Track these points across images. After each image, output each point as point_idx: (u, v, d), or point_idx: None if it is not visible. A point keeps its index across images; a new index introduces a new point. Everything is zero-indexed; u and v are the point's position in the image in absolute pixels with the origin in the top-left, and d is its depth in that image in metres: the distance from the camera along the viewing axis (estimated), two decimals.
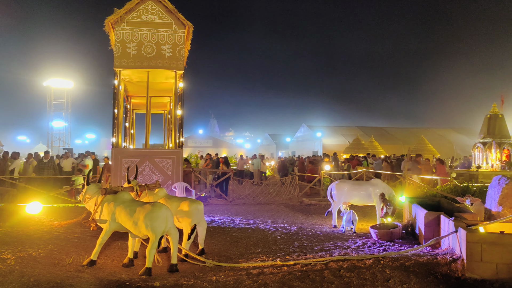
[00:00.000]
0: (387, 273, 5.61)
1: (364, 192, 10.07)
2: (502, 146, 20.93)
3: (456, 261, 5.80)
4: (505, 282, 5.28)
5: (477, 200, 9.02)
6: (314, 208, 13.73)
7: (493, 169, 20.47)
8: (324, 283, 5.35)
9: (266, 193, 16.48)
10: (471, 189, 13.90)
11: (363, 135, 44.61)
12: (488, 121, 21.66)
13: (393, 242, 8.08)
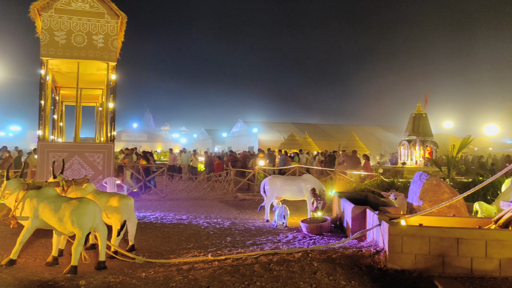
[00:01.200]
0: (315, 266, 5.79)
1: (296, 187, 10.30)
2: (425, 143, 22.17)
3: (379, 253, 6.10)
4: (422, 271, 5.63)
5: (401, 194, 9.52)
6: (248, 203, 13.86)
7: (417, 165, 21.65)
8: (254, 277, 5.42)
9: (200, 188, 16.40)
10: (396, 184, 14.65)
11: (297, 131, 45.60)
12: (413, 120, 22.84)
13: (322, 235, 8.34)
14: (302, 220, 9.03)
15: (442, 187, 8.38)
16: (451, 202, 6.95)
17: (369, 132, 53.42)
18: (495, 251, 5.63)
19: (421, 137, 22.22)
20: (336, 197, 10.35)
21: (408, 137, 22.66)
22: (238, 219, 10.67)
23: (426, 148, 22.19)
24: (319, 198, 9.74)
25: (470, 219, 7.24)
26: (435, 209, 6.88)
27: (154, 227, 9.23)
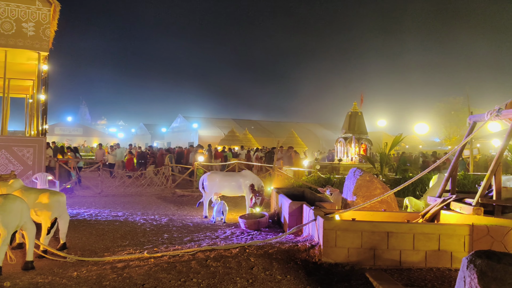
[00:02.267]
0: (252, 261, 5.84)
1: (234, 183, 10.33)
2: (360, 141, 22.94)
3: (314, 247, 6.25)
4: (354, 264, 5.84)
5: (336, 190, 9.81)
6: (186, 199, 13.73)
7: (352, 162, 22.36)
8: (191, 274, 5.38)
9: (137, 184, 16.04)
10: (332, 180, 15.06)
11: (238, 127, 45.71)
12: (349, 118, 23.55)
13: (260, 231, 8.42)
14: (240, 216, 9.08)
15: (374, 183, 8.72)
16: (382, 197, 7.24)
17: (308, 129, 54.56)
18: (421, 244, 5.93)
19: (357, 135, 22.96)
20: (274, 193, 10.48)
21: (345, 135, 23.35)
22: (176, 215, 10.55)
23: (361, 145, 22.96)
24: (257, 194, 9.83)
25: (400, 213, 7.59)
26: (368, 204, 7.15)
27: (88, 225, 8.92)
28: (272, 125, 55.86)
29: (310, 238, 6.79)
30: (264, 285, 5.12)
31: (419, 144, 45.91)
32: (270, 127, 54.07)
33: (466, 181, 13.72)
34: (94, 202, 12.48)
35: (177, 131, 54.59)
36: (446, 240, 5.94)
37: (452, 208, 6.55)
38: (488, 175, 6.21)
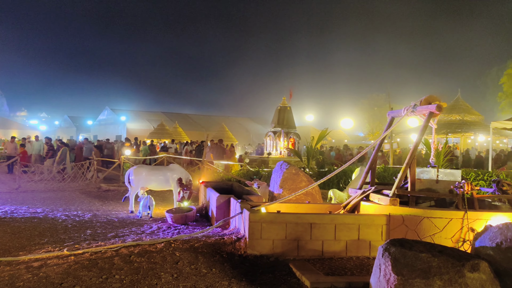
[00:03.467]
0: (177, 256, 5.78)
1: (162, 177, 10.17)
2: (289, 135, 23.41)
3: (240, 240, 6.30)
4: (279, 255, 5.96)
5: (263, 183, 9.95)
6: (112, 194, 13.32)
7: (281, 155, 22.77)
8: (113, 270, 5.23)
9: (60, 179, 15.31)
10: (261, 173, 15.25)
11: (168, 120, 44.98)
12: (278, 112, 23.93)
13: (187, 225, 8.35)
14: (167, 210, 8.95)
15: (300, 176, 8.94)
16: (306, 189, 7.45)
17: (239, 123, 54.79)
18: (342, 234, 6.17)
19: (286, 129, 23.39)
20: (202, 187, 10.44)
21: (274, 129, 23.70)
22: (100, 210, 10.20)
23: (289, 139, 23.44)
24: (185, 188, 9.73)
25: (323, 205, 7.85)
26: (293, 196, 7.33)
27: (2, 223, 8.38)
28: (203, 119, 55.50)
29: (236, 231, 6.84)
30: (189, 279, 5.09)
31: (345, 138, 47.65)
32: (201, 121, 53.68)
33: (386, 174, 14.43)
34: (10, 199, 11.75)
35: (104, 124, 52.65)
36: (365, 230, 6.23)
37: (371, 199, 6.87)
38: (403, 168, 6.58)
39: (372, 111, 47.51)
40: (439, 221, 5.99)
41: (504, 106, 38.26)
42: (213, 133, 38.34)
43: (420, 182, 6.73)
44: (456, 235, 5.92)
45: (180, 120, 47.30)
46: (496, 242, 4.41)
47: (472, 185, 6.29)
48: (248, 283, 5.06)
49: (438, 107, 6.42)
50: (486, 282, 4.05)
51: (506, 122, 16.01)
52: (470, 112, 32.39)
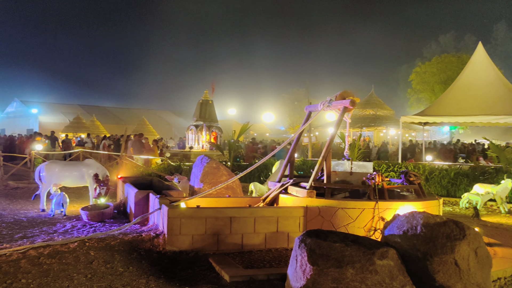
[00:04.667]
0: (92, 255, 5.53)
1: (77, 173, 9.69)
2: (211, 129, 23.35)
3: (159, 236, 6.18)
4: (199, 250, 5.92)
5: (184, 178, 9.83)
6: (21, 192, 12.48)
7: (203, 149, 22.66)
8: (19, 274, 4.89)
9: None
10: (182, 168, 15.07)
11: (84, 113, 43.01)
12: (200, 106, 23.77)
13: (104, 222, 8.04)
14: (82, 208, 8.55)
15: (221, 169, 8.93)
16: (227, 183, 7.45)
17: (160, 117, 53.70)
18: (261, 227, 6.26)
19: (208, 123, 23.31)
20: (120, 182, 10.09)
21: (196, 122, 23.52)
22: (7, 210, 9.51)
23: (212, 133, 23.39)
24: (102, 184, 9.36)
25: (243, 198, 7.91)
26: (213, 190, 7.30)
27: None
28: (123, 112, 53.65)
29: (155, 227, 6.70)
30: (104, 279, 4.90)
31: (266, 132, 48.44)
32: (120, 114, 51.86)
33: (305, 166, 14.86)
34: None
35: (13, 116, 49.12)
36: (283, 222, 6.36)
37: (289, 192, 7.02)
38: (320, 161, 6.79)
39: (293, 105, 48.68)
40: (353, 211, 6.26)
41: (413, 101, 40.85)
42: (133, 126, 37.23)
43: (336, 175, 6.99)
44: (368, 224, 6.22)
45: (98, 113, 45.37)
46: (403, 230, 4.68)
47: (383, 177, 6.64)
48: (166, 280, 4.97)
49: (352, 102, 6.70)
50: (394, 268, 4.29)
51: (413, 116, 17.10)
52: (382, 107, 34.23)
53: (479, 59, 17.03)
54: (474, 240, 4.54)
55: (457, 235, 4.50)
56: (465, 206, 11.28)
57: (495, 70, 17.01)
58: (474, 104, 15.51)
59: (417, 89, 39.71)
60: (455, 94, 16.63)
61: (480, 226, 8.36)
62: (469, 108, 15.50)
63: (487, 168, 13.65)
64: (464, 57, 34.82)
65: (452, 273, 4.33)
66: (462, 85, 16.72)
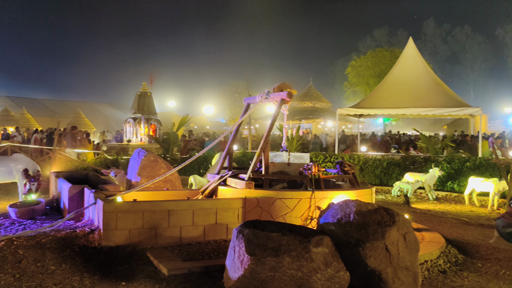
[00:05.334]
0: (20, 254, 5.27)
1: (4, 169, 9.16)
2: (149, 121, 22.92)
3: (94, 232, 5.99)
4: (136, 244, 5.81)
5: (121, 171, 9.58)
6: None
7: (141, 142, 22.21)
8: None
9: None
10: (120, 161, 14.69)
11: (13, 106, 40.74)
12: (138, 98, 23.26)
13: (35, 219, 7.67)
14: (10, 205, 8.09)
15: (159, 162, 8.80)
16: (165, 176, 7.35)
17: (96, 109, 51.91)
18: (200, 219, 6.23)
19: (146, 115, 22.87)
20: (53, 177, 9.67)
21: (134, 115, 23.00)
22: None
23: (150, 126, 22.96)
24: (32, 179, 8.91)
25: (181, 191, 7.84)
26: (150, 184, 7.19)
27: None
28: (56, 104, 51.29)
29: (90, 222, 6.49)
30: (34, 278, 4.70)
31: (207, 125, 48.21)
32: (53, 107, 49.55)
33: (245, 158, 14.95)
34: None
35: None
36: (222, 214, 6.37)
37: (228, 184, 7.04)
38: (258, 152, 6.86)
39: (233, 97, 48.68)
40: (290, 201, 6.38)
41: (349, 94, 42.13)
42: (67, 119, 35.79)
43: (273, 166, 7.09)
44: (305, 214, 6.37)
45: (29, 105, 43.09)
46: (337, 218, 4.84)
47: (319, 167, 6.81)
48: (102, 276, 4.85)
49: (289, 94, 6.80)
50: (328, 255, 4.44)
51: (349, 109, 17.66)
52: (320, 99, 35.11)
53: (410, 54, 17.84)
54: (403, 226, 4.78)
55: (387, 221, 4.72)
56: (396, 194, 11.83)
57: (424, 65, 17.89)
58: (405, 97, 16.25)
59: (353, 82, 40.97)
60: (387, 87, 17.34)
61: (410, 212, 8.81)
62: (400, 100, 16.22)
63: (417, 157, 14.37)
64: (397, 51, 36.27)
65: (383, 257, 4.54)
66: (394, 79, 17.45)
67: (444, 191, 12.46)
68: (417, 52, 17.99)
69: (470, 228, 8.22)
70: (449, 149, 15.60)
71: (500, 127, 40.05)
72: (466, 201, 10.84)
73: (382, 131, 36.07)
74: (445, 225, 8.48)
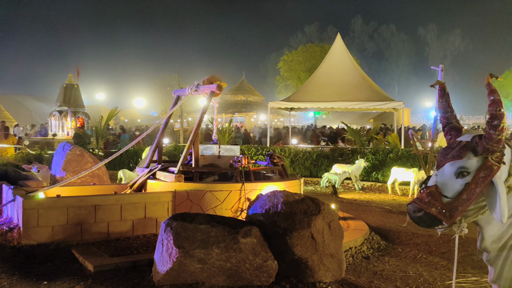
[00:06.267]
0: None
1: None
2: (77, 114, 22.01)
3: (13, 230, 5.69)
4: (60, 242, 5.58)
5: (44, 167, 9.15)
6: None
7: (68, 136, 21.28)
8: None
9: None
10: (44, 156, 14.00)
11: None
12: (64, 90, 22.26)
13: None
14: None
15: (85, 157, 8.49)
16: (91, 170, 7.12)
17: (18, 102, 48.96)
18: (129, 214, 6.10)
19: (73, 108, 21.96)
20: None
21: (60, 108, 22.01)
22: None
23: (78, 119, 22.07)
24: None
25: (109, 186, 7.63)
26: (76, 178, 6.93)
27: None
28: None
29: (9, 220, 6.15)
30: None
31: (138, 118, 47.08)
32: None
33: (177, 152, 14.78)
34: None
35: None
36: (152, 208, 6.28)
37: (158, 177, 6.94)
38: (188, 145, 6.80)
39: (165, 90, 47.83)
40: (221, 193, 6.41)
41: (281, 88, 42.80)
42: None
43: (204, 158, 7.08)
44: (235, 206, 6.42)
45: None
46: (265, 208, 4.93)
47: (249, 159, 6.88)
48: (22, 276, 4.61)
49: (219, 86, 6.81)
50: (257, 245, 4.52)
51: (280, 102, 17.98)
52: (253, 93, 35.39)
53: (338, 50, 18.45)
54: (328, 215, 4.96)
55: (313, 210, 4.87)
56: (325, 185, 12.24)
57: (352, 60, 18.58)
58: (334, 91, 16.80)
59: (285, 76, 41.65)
60: (317, 82, 17.83)
61: (337, 202, 9.15)
62: (329, 94, 16.75)
63: (345, 150, 14.93)
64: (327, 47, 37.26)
65: (309, 245, 4.69)
66: (323, 74, 17.97)
67: (369, 181, 13.07)
68: (345, 48, 18.63)
69: (392, 216, 8.68)
70: (375, 141, 16.34)
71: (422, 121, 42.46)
72: (389, 190, 11.44)
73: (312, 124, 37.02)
74: (370, 213, 8.90)
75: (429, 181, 2.77)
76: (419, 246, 6.48)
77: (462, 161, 2.59)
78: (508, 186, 2.64)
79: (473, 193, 2.56)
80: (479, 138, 2.59)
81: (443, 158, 2.71)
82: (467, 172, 2.58)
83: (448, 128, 2.90)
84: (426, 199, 2.63)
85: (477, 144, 2.59)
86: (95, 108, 35.77)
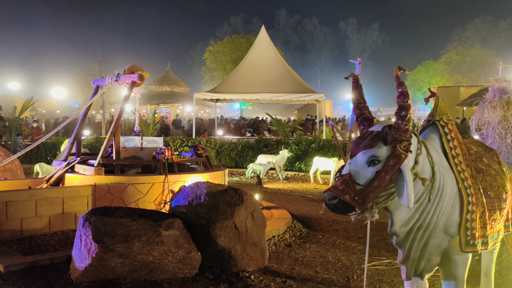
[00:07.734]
0: None
1: None
2: None
3: None
4: None
5: None
6: None
7: None
8: None
9: None
10: None
11: None
12: None
13: None
14: None
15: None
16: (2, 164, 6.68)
17: None
18: (45, 209, 5.81)
19: None
20: None
21: None
22: None
23: None
24: None
25: (24, 181, 7.20)
26: None
27: None
28: None
29: None
30: None
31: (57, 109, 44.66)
32: None
33: (98, 144, 14.23)
34: None
35: None
36: (70, 203, 6.02)
37: (77, 171, 6.66)
38: (108, 137, 6.57)
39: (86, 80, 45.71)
40: (143, 186, 6.28)
41: (207, 79, 42.58)
42: None
43: (126, 150, 6.88)
44: (158, 198, 6.33)
45: None
46: (188, 200, 4.91)
47: (172, 151, 6.80)
48: None
49: (140, 76, 6.63)
50: (180, 237, 4.49)
51: (206, 93, 17.89)
52: (179, 84, 34.82)
53: (262, 42, 18.64)
54: (251, 204, 5.05)
55: (236, 201, 4.93)
56: (250, 176, 12.39)
57: (276, 52, 18.86)
58: (259, 82, 16.99)
59: (211, 67, 41.45)
60: (242, 73, 17.92)
61: (262, 192, 9.32)
62: (254, 86, 16.92)
63: (270, 140, 15.18)
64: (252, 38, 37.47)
65: (232, 236, 4.75)
66: (248, 65, 18.09)
67: (293, 171, 13.42)
68: (269, 40, 18.86)
69: (314, 204, 8.99)
70: (298, 132, 16.77)
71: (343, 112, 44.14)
72: (312, 179, 11.82)
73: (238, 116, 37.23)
74: (293, 202, 9.15)
75: (343, 170, 2.89)
76: (338, 232, 6.77)
77: (373, 150, 2.72)
78: (414, 173, 2.82)
79: (383, 180, 2.70)
80: (389, 128, 2.74)
81: (356, 148, 2.83)
82: (377, 160, 2.71)
83: (361, 119, 3.04)
84: (340, 187, 2.74)
85: (386, 133, 2.73)
86: (8, 98, 33.50)
